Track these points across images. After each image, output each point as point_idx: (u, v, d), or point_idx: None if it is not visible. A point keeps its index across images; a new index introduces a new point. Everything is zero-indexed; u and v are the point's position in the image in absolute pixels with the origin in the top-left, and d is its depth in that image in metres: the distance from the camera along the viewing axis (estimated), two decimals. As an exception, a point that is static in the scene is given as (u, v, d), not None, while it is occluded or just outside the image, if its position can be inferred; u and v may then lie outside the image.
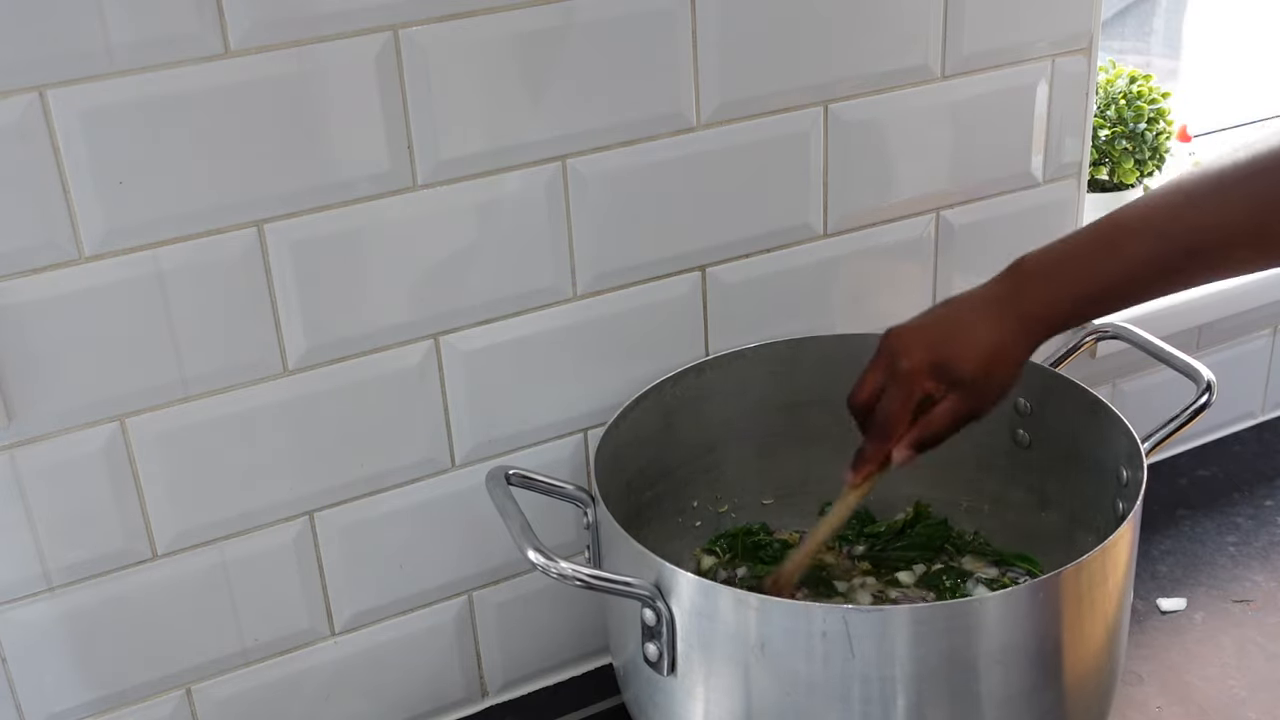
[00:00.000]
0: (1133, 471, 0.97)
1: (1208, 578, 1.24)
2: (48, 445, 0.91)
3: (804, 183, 1.10)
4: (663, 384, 1.09)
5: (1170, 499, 1.35)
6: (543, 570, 0.85)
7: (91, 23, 0.83)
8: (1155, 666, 1.14)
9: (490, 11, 0.94)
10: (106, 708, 1.00)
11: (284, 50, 0.88)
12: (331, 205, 0.94)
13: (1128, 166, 1.31)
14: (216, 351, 0.94)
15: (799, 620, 0.84)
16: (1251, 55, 1.70)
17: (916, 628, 0.83)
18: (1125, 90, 1.31)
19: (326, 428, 0.99)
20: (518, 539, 0.87)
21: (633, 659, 0.93)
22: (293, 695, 1.06)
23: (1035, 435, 1.11)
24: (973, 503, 1.17)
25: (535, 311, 1.04)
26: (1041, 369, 1.09)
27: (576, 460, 1.10)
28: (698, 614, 0.86)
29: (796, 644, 0.84)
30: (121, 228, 0.88)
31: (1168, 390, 1.10)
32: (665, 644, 0.88)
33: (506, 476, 0.95)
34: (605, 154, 1.02)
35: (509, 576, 1.11)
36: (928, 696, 0.85)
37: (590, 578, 0.86)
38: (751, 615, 0.85)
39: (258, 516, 1.00)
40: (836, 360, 1.14)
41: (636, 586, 0.87)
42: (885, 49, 1.09)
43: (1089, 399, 1.04)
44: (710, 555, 1.15)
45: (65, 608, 0.95)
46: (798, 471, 1.19)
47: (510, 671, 1.15)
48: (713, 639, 0.87)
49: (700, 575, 0.90)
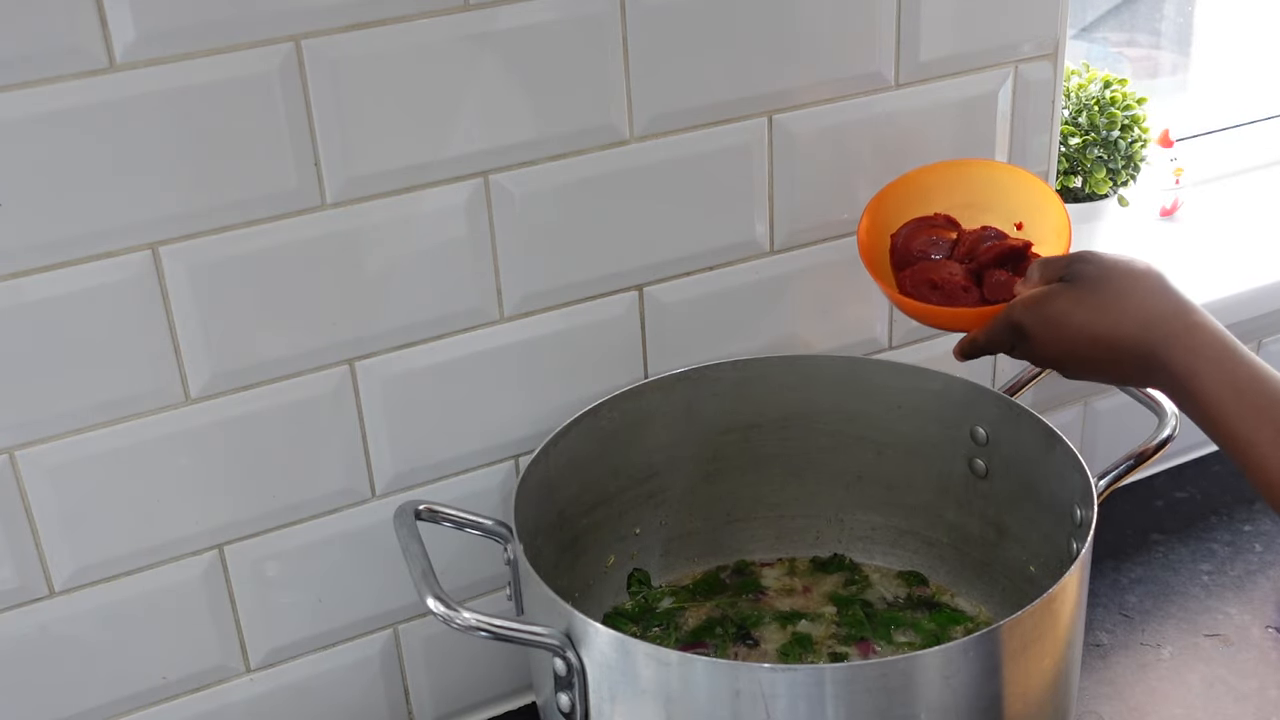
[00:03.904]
0: (1085, 510, 0.92)
1: (1179, 609, 1.19)
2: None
3: (748, 197, 1.05)
4: (598, 408, 1.04)
5: (1144, 523, 1.30)
6: (444, 621, 0.80)
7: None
8: (1117, 707, 1.08)
9: (401, 20, 0.88)
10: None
11: (174, 64, 0.83)
12: (233, 226, 0.89)
13: (1100, 176, 1.25)
14: (112, 380, 0.89)
15: (715, 678, 0.79)
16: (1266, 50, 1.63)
17: (839, 688, 0.78)
18: (1098, 96, 1.25)
19: (234, 458, 0.95)
20: (418, 584, 0.82)
21: (548, 705, 0.88)
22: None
23: (992, 465, 1.05)
24: (930, 533, 1.12)
25: (459, 334, 0.99)
26: (998, 397, 1.03)
27: (507, 489, 1.05)
28: (609, 667, 0.81)
29: (715, 703, 0.79)
30: (4, 250, 0.83)
31: (1144, 410, 1.04)
32: (577, 695, 0.83)
33: (416, 512, 0.90)
34: (531, 169, 0.96)
35: (438, 609, 1.06)
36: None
37: (496, 628, 0.81)
38: (666, 671, 0.80)
39: (163, 551, 0.95)
40: (785, 382, 1.10)
41: (545, 636, 0.82)
42: (834, 56, 1.03)
43: (1044, 430, 0.98)
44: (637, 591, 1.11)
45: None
46: (748, 495, 1.14)
47: (440, 706, 1.10)
48: (625, 694, 0.82)
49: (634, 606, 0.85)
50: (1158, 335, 0.82)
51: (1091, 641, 1.14)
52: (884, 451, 1.10)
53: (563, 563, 1.02)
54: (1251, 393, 0.79)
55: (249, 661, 1.01)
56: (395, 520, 0.89)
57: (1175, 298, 0.84)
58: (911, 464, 1.10)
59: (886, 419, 1.09)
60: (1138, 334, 0.83)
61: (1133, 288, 0.84)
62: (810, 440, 1.11)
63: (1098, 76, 1.28)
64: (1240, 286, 1.35)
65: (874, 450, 1.11)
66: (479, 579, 1.06)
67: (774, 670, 0.80)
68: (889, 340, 1.17)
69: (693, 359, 1.08)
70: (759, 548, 1.16)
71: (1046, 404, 1.20)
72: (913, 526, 1.13)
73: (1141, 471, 0.97)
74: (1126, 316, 0.83)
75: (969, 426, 1.05)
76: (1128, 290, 0.84)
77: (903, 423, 1.08)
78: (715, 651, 1.05)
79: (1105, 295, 0.84)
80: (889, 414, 1.09)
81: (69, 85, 0.81)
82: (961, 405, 1.05)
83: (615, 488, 1.08)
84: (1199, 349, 0.81)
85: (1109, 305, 0.84)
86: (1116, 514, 1.23)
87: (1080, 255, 0.88)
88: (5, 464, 0.88)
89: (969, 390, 1.04)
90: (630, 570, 1.11)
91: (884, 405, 1.08)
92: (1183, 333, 0.81)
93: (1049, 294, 0.86)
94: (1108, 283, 0.85)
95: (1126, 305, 0.83)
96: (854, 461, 1.12)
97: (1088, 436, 1.32)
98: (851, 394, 1.09)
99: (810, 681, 0.79)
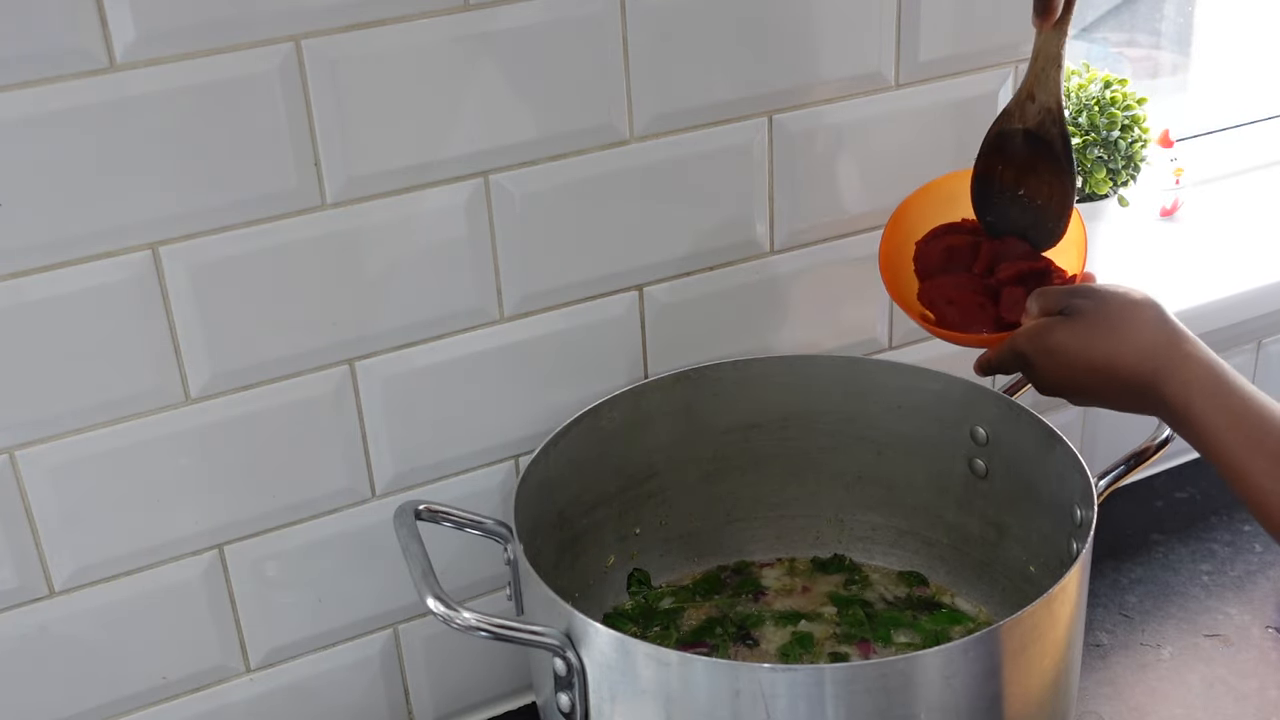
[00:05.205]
0: (1085, 511, 0.92)
1: (1179, 609, 1.18)
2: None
3: (748, 197, 1.05)
4: (599, 408, 1.04)
5: (1144, 523, 1.29)
6: (444, 621, 0.80)
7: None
8: (1118, 706, 1.08)
9: (401, 20, 0.88)
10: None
11: (174, 64, 0.83)
12: (233, 226, 0.89)
13: (1100, 176, 1.25)
14: (112, 380, 0.89)
15: (715, 678, 0.79)
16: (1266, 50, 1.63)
17: (839, 688, 0.78)
18: (1099, 96, 1.25)
19: (235, 458, 0.94)
20: (418, 584, 0.82)
21: (548, 705, 0.88)
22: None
23: (992, 465, 1.05)
24: (930, 533, 1.12)
25: (459, 334, 0.99)
26: (998, 397, 1.03)
27: (507, 489, 1.05)
28: (609, 667, 0.81)
29: (715, 703, 0.79)
30: (4, 250, 0.83)
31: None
32: (577, 695, 0.83)
33: (416, 511, 0.90)
34: (531, 169, 0.96)
35: (438, 609, 1.06)
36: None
37: (496, 628, 0.81)
38: (666, 671, 0.80)
39: (163, 551, 0.95)
40: (785, 382, 1.10)
41: (545, 636, 0.82)
42: (834, 56, 1.03)
43: (1044, 430, 0.98)
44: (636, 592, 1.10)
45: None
46: (748, 495, 1.14)
47: (440, 707, 1.10)
48: (625, 694, 0.81)
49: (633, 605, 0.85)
50: (1152, 367, 0.84)
51: (1091, 641, 1.14)
52: (884, 451, 1.10)
53: (563, 563, 1.02)
54: (1246, 424, 0.80)
55: (249, 661, 1.01)
56: (395, 520, 0.89)
57: (1170, 329, 0.85)
58: (911, 464, 1.10)
59: (886, 419, 1.09)
60: (1134, 365, 0.84)
61: (1129, 320, 0.86)
62: (810, 440, 1.11)
63: (1098, 77, 1.28)
64: (1240, 286, 1.35)
65: (874, 450, 1.11)
66: (479, 579, 1.06)
67: (774, 670, 0.80)
68: (889, 340, 1.17)
69: (693, 359, 1.08)
70: (759, 548, 1.16)
71: (1046, 404, 1.19)
72: (913, 526, 1.13)
73: (1141, 471, 0.97)
74: (1124, 347, 0.85)
75: (969, 426, 1.05)
76: (1124, 322, 0.86)
77: (903, 423, 1.08)
78: (715, 651, 1.05)
79: (1101, 328, 0.86)
80: (889, 414, 1.09)
81: (69, 85, 0.81)
82: (961, 405, 1.05)
83: (615, 488, 1.08)
84: (1193, 381, 0.82)
85: (1105, 337, 0.86)
86: (1116, 514, 1.23)
87: (1077, 289, 0.90)
88: (5, 464, 0.88)
89: (969, 390, 1.04)
90: (630, 570, 1.11)
91: (884, 405, 1.08)
92: (1178, 363, 0.83)
93: (1048, 326, 0.88)
94: (1104, 316, 0.86)
95: (1123, 337, 0.85)
96: (854, 461, 1.12)
97: (1088, 436, 1.32)
98: (851, 394, 1.09)
99: (810, 681, 0.79)
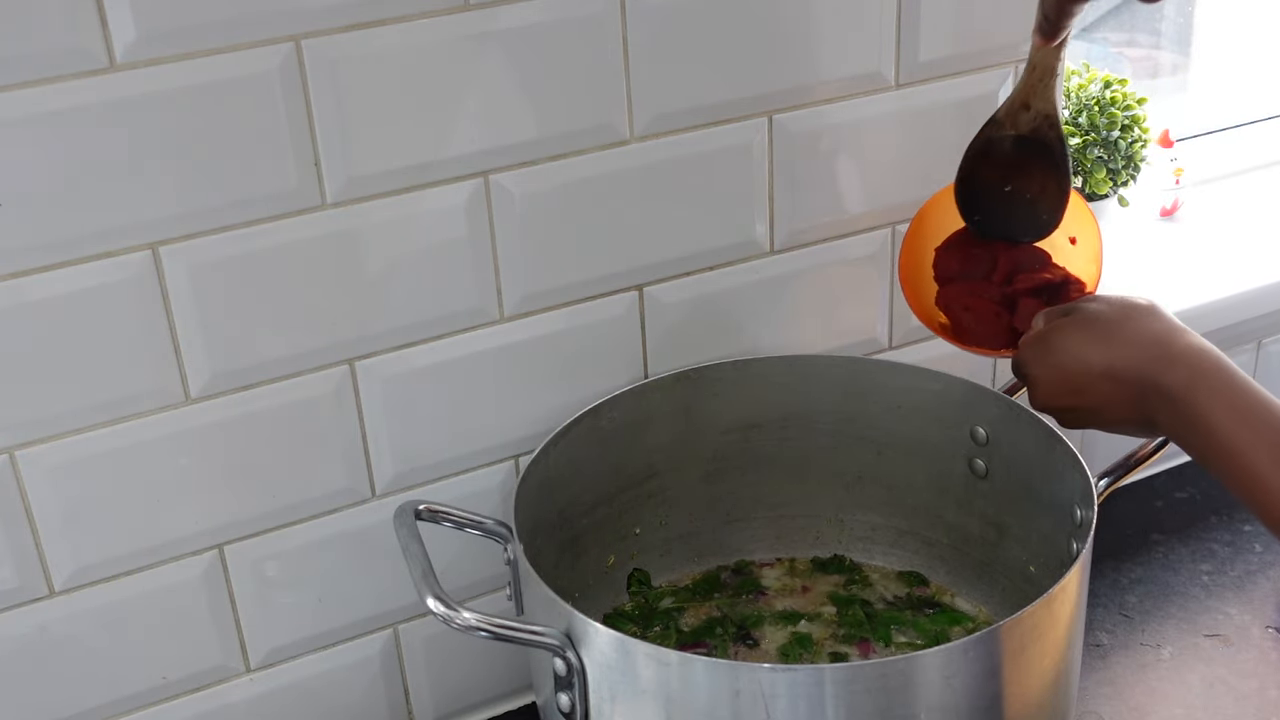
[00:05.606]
0: (1085, 511, 0.92)
1: (1179, 609, 1.18)
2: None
3: (748, 197, 1.05)
4: (599, 408, 1.04)
5: (1144, 522, 1.29)
6: (444, 621, 0.80)
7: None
8: (1117, 707, 1.08)
9: (401, 20, 0.88)
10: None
11: (174, 64, 0.83)
12: (233, 226, 0.89)
13: (1100, 176, 1.25)
14: (112, 380, 0.89)
15: (715, 678, 0.79)
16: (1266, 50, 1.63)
17: (839, 688, 0.78)
18: (1098, 96, 1.25)
19: (234, 458, 0.94)
20: (418, 584, 0.82)
21: (548, 705, 0.88)
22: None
23: (992, 465, 1.05)
24: (930, 533, 1.12)
25: (459, 334, 0.99)
26: (998, 397, 1.03)
27: (507, 489, 1.05)
28: (609, 667, 0.81)
29: (715, 703, 0.79)
30: (4, 250, 0.83)
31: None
32: (578, 695, 0.83)
33: (416, 511, 0.90)
34: (531, 169, 0.96)
35: (438, 609, 1.06)
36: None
37: (496, 628, 0.81)
38: (666, 671, 0.80)
39: (163, 551, 0.95)
40: (784, 382, 1.10)
41: (545, 636, 0.82)
42: (834, 56, 1.03)
43: (1044, 430, 0.98)
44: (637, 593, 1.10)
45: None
46: (748, 495, 1.14)
47: (441, 707, 1.10)
48: (625, 694, 0.81)
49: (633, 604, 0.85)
50: (1152, 355, 0.83)
51: (1091, 641, 1.14)
52: (884, 451, 1.10)
53: (563, 563, 1.02)
54: (1248, 412, 0.79)
55: (249, 661, 1.01)
56: (395, 520, 0.89)
57: (1172, 323, 0.85)
58: (911, 464, 1.10)
59: (886, 419, 1.09)
60: (1137, 361, 0.83)
61: (1130, 318, 0.86)
62: (810, 440, 1.11)
63: (1098, 77, 1.28)
64: (1240, 286, 1.35)
65: (874, 450, 1.11)
66: (479, 579, 1.06)
67: (774, 670, 0.80)
68: (889, 340, 1.17)
69: (693, 359, 1.08)
70: (759, 548, 1.16)
71: (1046, 404, 1.20)
72: (913, 526, 1.13)
73: (1141, 471, 0.97)
74: (1126, 344, 0.84)
75: (969, 426, 1.05)
76: (1126, 319, 0.86)
77: (903, 423, 1.08)
78: (715, 651, 1.05)
79: (1104, 326, 0.86)
80: (889, 414, 1.09)
81: (69, 85, 0.81)
82: (961, 405, 1.05)
83: (615, 488, 1.08)
84: (1195, 368, 0.81)
85: (1108, 335, 0.85)
86: (1116, 514, 1.23)
87: (1082, 298, 0.90)
88: (5, 464, 0.88)
89: (969, 390, 1.04)
90: (630, 570, 1.11)
91: (884, 405, 1.08)
92: (1180, 350, 0.82)
93: (1051, 329, 0.88)
94: (1106, 315, 0.86)
95: (1126, 333, 0.85)
96: (854, 461, 1.12)
97: (1088, 436, 1.31)
98: (851, 394, 1.09)
99: (810, 681, 0.78)
